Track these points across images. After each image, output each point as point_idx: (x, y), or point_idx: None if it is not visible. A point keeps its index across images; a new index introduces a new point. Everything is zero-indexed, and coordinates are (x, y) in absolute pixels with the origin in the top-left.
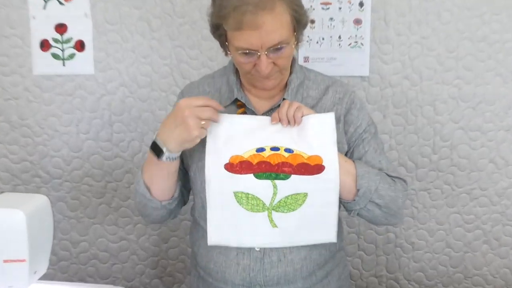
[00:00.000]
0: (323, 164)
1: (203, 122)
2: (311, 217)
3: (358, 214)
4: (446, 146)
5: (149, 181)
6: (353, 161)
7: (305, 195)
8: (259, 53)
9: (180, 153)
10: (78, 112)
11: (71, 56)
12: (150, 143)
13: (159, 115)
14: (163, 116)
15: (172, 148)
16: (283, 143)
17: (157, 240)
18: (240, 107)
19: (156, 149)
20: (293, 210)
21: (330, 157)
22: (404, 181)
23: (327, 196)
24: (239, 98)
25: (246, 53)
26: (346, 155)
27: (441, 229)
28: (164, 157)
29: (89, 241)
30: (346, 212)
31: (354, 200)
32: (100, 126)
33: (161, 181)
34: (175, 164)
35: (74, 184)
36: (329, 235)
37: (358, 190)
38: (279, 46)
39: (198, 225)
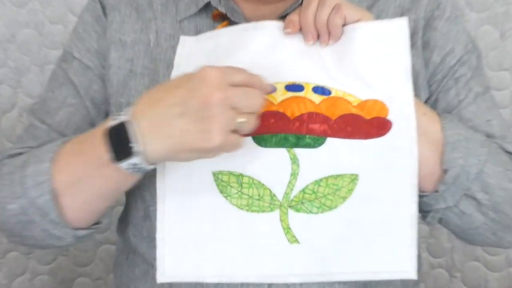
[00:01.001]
0: (388, 117)
1: (240, 120)
2: (366, 224)
3: (440, 222)
4: None
5: (67, 189)
6: (439, 116)
7: (354, 179)
8: None
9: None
10: None
11: None
12: (34, 87)
13: (56, 32)
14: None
15: (154, 154)
16: (310, 77)
17: (49, 285)
18: (220, 19)
19: (119, 143)
20: (331, 208)
21: (403, 103)
22: None
23: (397, 182)
24: (215, 4)
25: None
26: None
27: None
28: (126, 164)
29: None
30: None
31: (437, 191)
32: None
33: (94, 198)
34: (137, 178)
35: None
36: (403, 263)
37: (445, 171)
38: None
39: (134, 253)
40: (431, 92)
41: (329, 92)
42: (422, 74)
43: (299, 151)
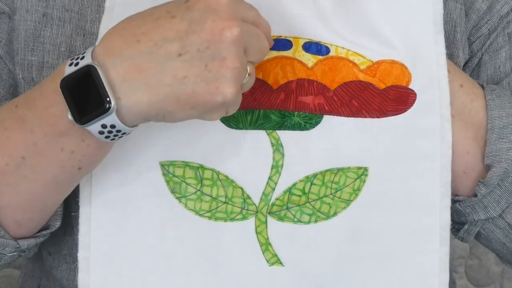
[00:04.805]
0: (410, 87)
1: (249, 69)
2: (378, 238)
3: (478, 238)
4: None
5: (1, 179)
6: (482, 89)
7: (362, 174)
8: None
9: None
10: None
11: None
12: None
13: None
14: None
15: (136, 109)
16: (301, 28)
17: None
18: None
19: (84, 99)
20: (328, 216)
21: (432, 67)
22: None
23: (422, 179)
24: None
25: None
26: (464, 71)
27: None
28: (97, 126)
29: None
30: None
31: (475, 195)
32: None
33: (46, 187)
34: (108, 150)
35: None
36: None
37: (488, 167)
38: None
39: (48, 279)
40: (472, 52)
41: (326, 50)
42: (461, 26)
43: (284, 135)
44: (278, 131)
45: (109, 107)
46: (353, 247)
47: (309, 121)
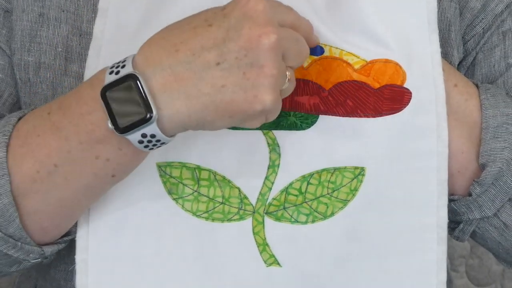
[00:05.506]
0: (405, 86)
1: (288, 75)
2: (375, 238)
3: (473, 237)
4: None
5: (33, 186)
6: (476, 88)
7: (359, 174)
8: None
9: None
10: None
11: None
12: None
13: None
14: None
15: (175, 118)
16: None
17: None
18: None
19: (123, 107)
20: (325, 216)
21: (426, 66)
22: None
23: (419, 178)
24: None
25: None
26: (458, 70)
27: None
28: (137, 135)
29: None
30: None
31: (470, 194)
32: None
33: (75, 195)
34: (143, 159)
35: None
36: None
37: (483, 167)
38: None
39: (45, 280)
40: (467, 51)
41: (321, 51)
42: (455, 25)
43: (281, 135)
44: (274, 131)
45: (151, 117)
46: (350, 247)
47: (305, 121)
